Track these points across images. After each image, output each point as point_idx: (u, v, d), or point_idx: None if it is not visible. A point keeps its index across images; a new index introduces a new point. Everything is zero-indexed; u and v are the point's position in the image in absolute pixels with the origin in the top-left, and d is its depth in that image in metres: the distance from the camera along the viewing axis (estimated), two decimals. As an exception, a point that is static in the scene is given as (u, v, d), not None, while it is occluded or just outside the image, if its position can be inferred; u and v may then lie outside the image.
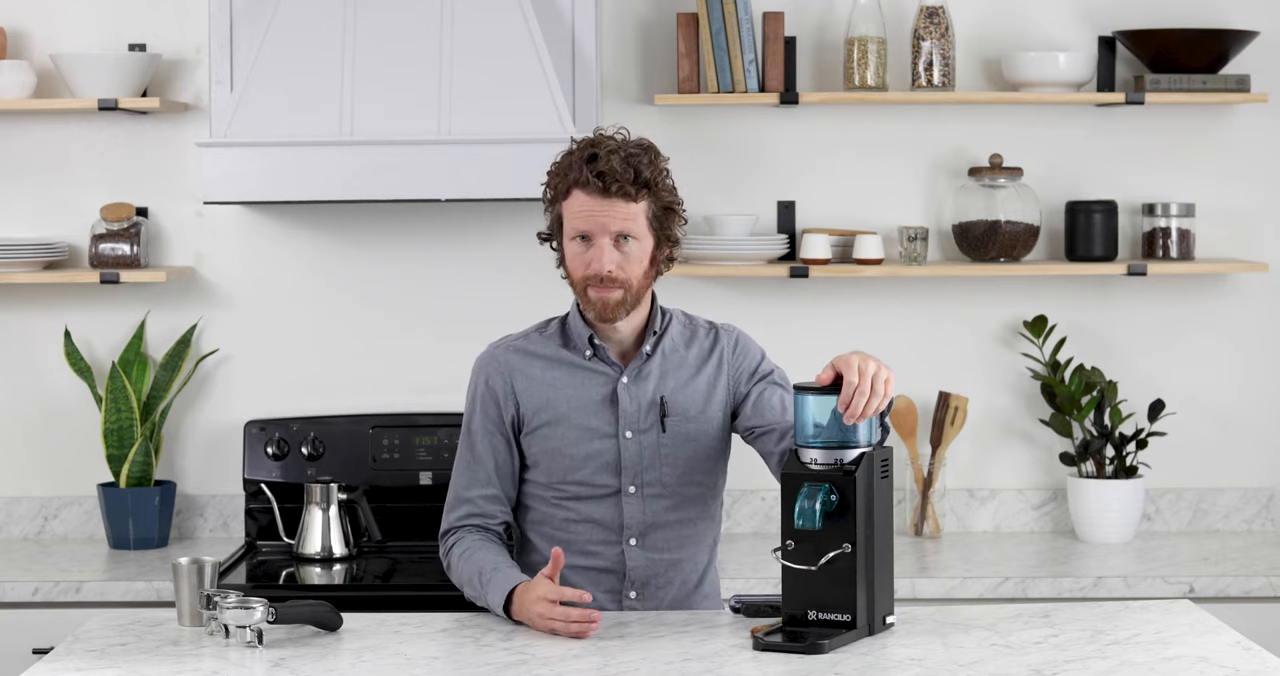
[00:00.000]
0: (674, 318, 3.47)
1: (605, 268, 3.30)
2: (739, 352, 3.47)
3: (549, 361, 3.43)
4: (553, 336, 3.46)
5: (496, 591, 3.29)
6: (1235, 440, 4.76)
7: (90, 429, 4.65)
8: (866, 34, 4.54)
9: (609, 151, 3.29)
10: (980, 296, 4.72)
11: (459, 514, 3.47)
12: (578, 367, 3.42)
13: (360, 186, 4.25)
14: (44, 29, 4.63)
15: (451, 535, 3.47)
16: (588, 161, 3.29)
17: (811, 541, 3.11)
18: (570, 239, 3.33)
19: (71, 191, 4.65)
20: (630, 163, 3.29)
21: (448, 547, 3.46)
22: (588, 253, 3.31)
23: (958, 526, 4.73)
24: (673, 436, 3.40)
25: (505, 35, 4.31)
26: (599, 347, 3.41)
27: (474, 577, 3.36)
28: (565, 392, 3.41)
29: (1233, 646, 3.10)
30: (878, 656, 3.04)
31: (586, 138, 3.35)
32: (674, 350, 3.44)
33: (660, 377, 3.42)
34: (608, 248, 3.30)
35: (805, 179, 4.70)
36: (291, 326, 4.69)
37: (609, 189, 3.28)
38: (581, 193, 3.30)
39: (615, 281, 3.31)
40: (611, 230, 3.29)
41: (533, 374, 3.43)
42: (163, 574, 4.23)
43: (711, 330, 3.49)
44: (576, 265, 3.33)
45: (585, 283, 3.32)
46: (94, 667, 3.01)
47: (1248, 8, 4.68)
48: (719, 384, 3.44)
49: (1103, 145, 4.72)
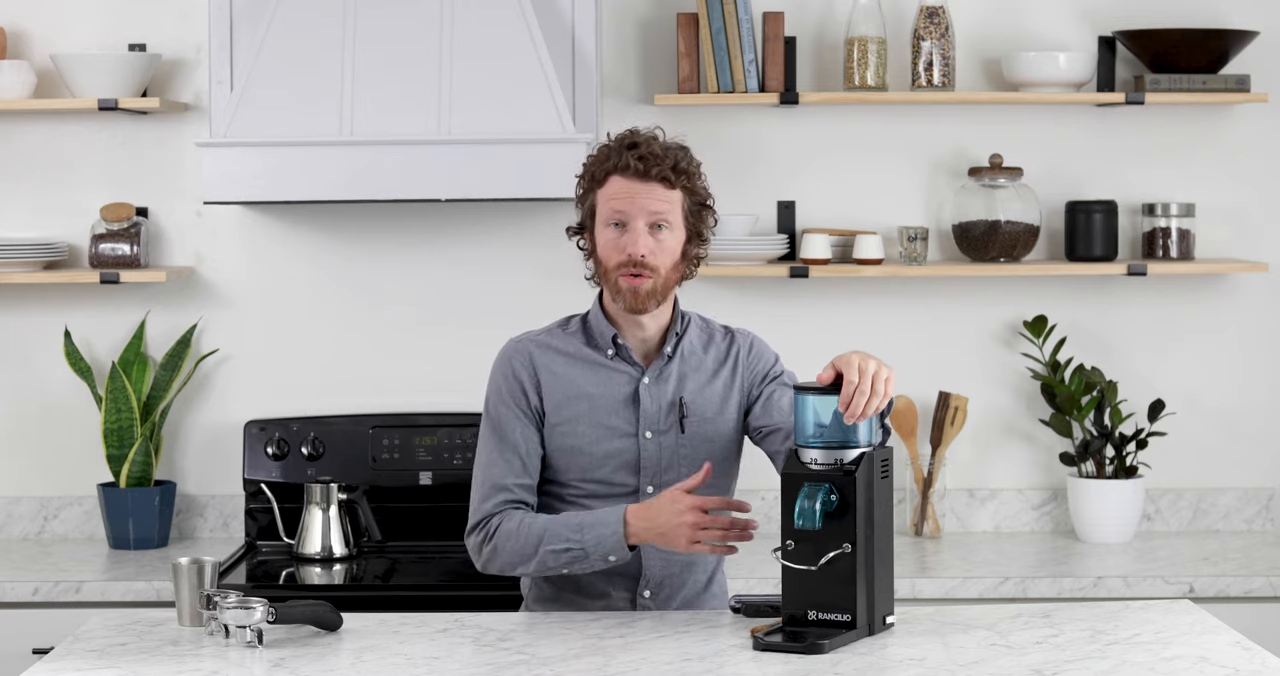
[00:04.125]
0: (692, 320, 3.48)
1: (640, 250, 3.29)
2: (754, 356, 3.48)
3: (571, 358, 3.42)
4: (575, 334, 3.45)
5: (605, 522, 3.23)
6: (1235, 440, 4.76)
7: (90, 429, 4.65)
8: (866, 34, 4.55)
9: (649, 139, 3.34)
10: (980, 296, 4.73)
11: (496, 501, 3.35)
12: (600, 366, 3.42)
13: (360, 186, 4.25)
14: (44, 29, 4.63)
15: (491, 519, 3.34)
16: (628, 147, 3.32)
17: (811, 541, 3.11)
18: (605, 225, 3.33)
19: (71, 191, 4.65)
20: (669, 151, 3.34)
21: (489, 531, 3.33)
22: (622, 238, 3.31)
23: (958, 526, 4.73)
24: (691, 437, 3.40)
25: (505, 35, 4.31)
26: (622, 347, 3.41)
27: (552, 530, 3.26)
28: (587, 390, 3.40)
29: (1233, 646, 3.10)
30: (878, 656, 3.04)
31: (622, 132, 3.38)
32: (692, 352, 3.45)
33: (680, 379, 3.42)
34: (643, 232, 3.31)
35: (805, 179, 4.70)
36: (291, 326, 4.69)
37: (649, 173, 3.30)
38: (620, 177, 3.31)
39: (647, 267, 3.31)
40: (649, 211, 3.30)
41: (556, 369, 3.41)
42: (163, 574, 4.23)
43: (727, 334, 3.50)
44: (610, 251, 3.32)
45: (619, 268, 3.32)
46: (94, 667, 3.01)
47: (1248, 8, 4.69)
48: (734, 386, 3.45)
49: (1103, 145, 4.72)
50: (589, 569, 3.28)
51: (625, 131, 3.38)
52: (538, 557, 3.28)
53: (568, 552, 3.26)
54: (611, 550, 3.24)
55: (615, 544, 3.23)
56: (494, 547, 3.32)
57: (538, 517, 3.31)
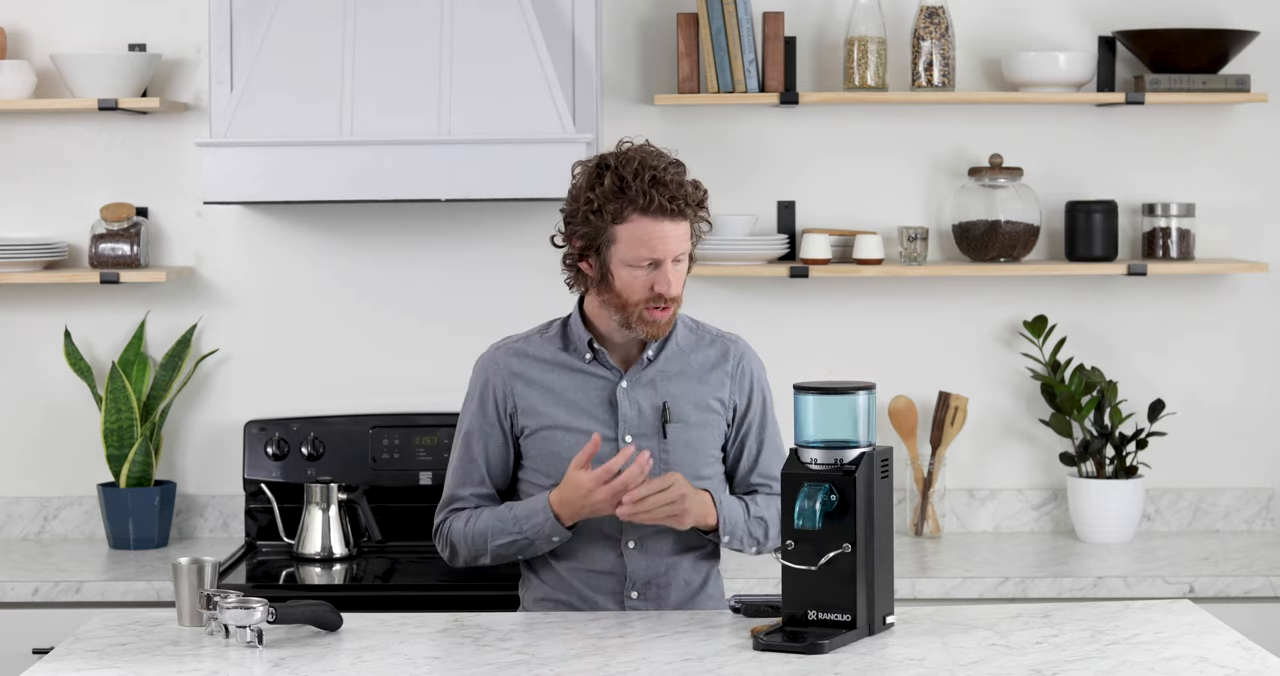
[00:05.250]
0: (679, 323, 3.47)
1: (674, 291, 3.32)
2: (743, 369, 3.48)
3: (548, 364, 3.43)
4: (553, 338, 3.45)
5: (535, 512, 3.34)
6: (1235, 440, 4.76)
7: (90, 429, 4.65)
8: (866, 34, 4.54)
9: (663, 170, 3.28)
10: (980, 296, 4.72)
11: (450, 508, 3.49)
12: (577, 371, 3.42)
13: (360, 186, 4.25)
14: (44, 29, 4.63)
15: (444, 525, 3.48)
16: (652, 185, 3.26)
17: (811, 541, 3.11)
18: (628, 265, 3.29)
19: (71, 191, 4.65)
20: (684, 183, 3.31)
21: (446, 532, 3.47)
22: (650, 275, 3.30)
23: (958, 526, 4.73)
24: (674, 443, 3.40)
25: (505, 35, 4.31)
26: (598, 352, 3.41)
27: (497, 523, 3.39)
28: (565, 396, 3.41)
29: (1233, 646, 3.10)
30: (878, 656, 3.04)
31: (621, 153, 3.31)
32: (677, 353, 3.44)
33: (662, 383, 3.41)
34: (673, 271, 3.31)
35: (805, 179, 4.70)
36: (291, 326, 4.69)
37: (681, 212, 3.29)
38: (646, 218, 3.27)
39: (675, 301, 3.34)
40: (675, 253, 3.31)
41: (532, 377, 3.43)
42: (163, 574, 4.23)
43: (719, 340, 3.49)
44: (636, 288, 3.30)
45: (646, 305, 3.32)
46: (94, 667, 3.01)
47: (1248, 8, 4.68)
48: (722, 394, 3.45)
49: (1103, 145, 4.72)
50: (541, 551, 3.39)
51: (622, 154, 3.30)
52: (490, 551, 3.41)
53: (514, 544, 3.38)
54: (552, 533, 3.35)
55: (553, 527, 3.34)
56: (451, 548, 3.46)
57: (480, 514, 3.42)
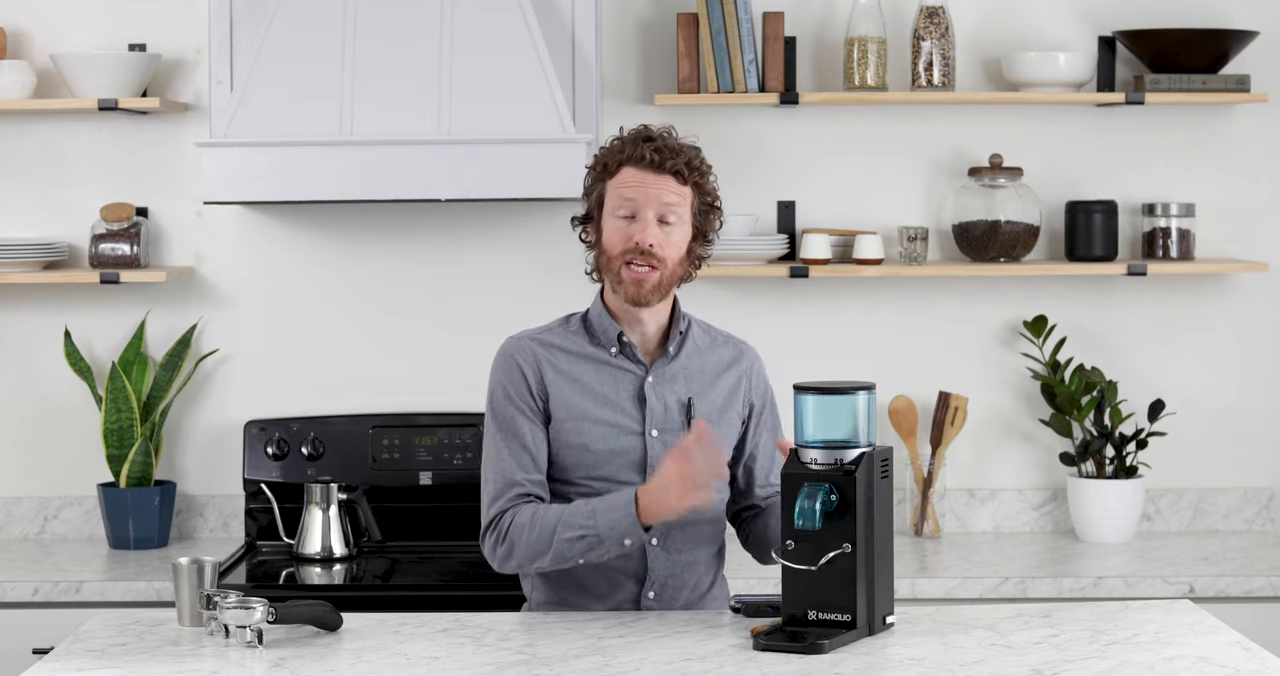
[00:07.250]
0: (693, 323, 3.47)
1: (649, 239, 3.30)
2: (756, 370, 3.51)
3: (574, 356, 3.41)
4: (576, 332, 3.43)
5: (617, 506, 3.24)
6: (1235, 440, 4.76)
7: (90, 429, 4.65)
8: (866, 34, 4.54)
9: (663, 134, 3.37)
10: (980, 296, 4.72)
11: (509, 496, 3.33)
12: (604, 364, 3.41)
13: (360, 186, 4.25)
14: (44, 29, 4.63)
15: (504, 516, 3.32)
16: (644, 140, 3.35)
17: (811, 541, 3.11)
18: (613, 215, 3.33)
19: (71, 191, 4.65)
20: (684, 147, 3.37)
21: (503, 529, 3.31)
22: (630, 227, 3.32)
23: (958, 526, 4.73)
24: None
25: (505, 35, 4.31)
26: (627, 344, 3.40)
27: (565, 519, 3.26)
28: (592, 388, 3.39)
29: (1233, 646, 3.10)
30: (878, 656, 3.04)
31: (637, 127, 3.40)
32: (696, 352, 3.45)
33: (684, 380, 3.42)
34: (652, 222, 3.32)
35: (805, 179, 4.70)
36: (291, 326, 4.69)
37: (663, 165, 3.32)
38: (633, 168, 3.33)
39: (654, 258, 3.31)
40: (660, 202, 3.31)
41: (560, 366, 3.40)
42: (163, 574, 4.23)
43: (730, 341, 3.50)
44: (616, 239, 3.32)
45: (624, 256, 3.31)
46: (94, 667, 3.01)
47: (1248, 8, 4.69)
48: (737, 395, 3.46)
49: (1103, 145, 4.72)
50: (604, 556, 3.27)
51: (640, 126, 3.40)
52: (554, 548, 3.27)
53: (583, 539, 3.25)
54: (626, 533, 3.23)
55: (630, 526, 3.22)
56: (509, 543, 3.31)
57: (550, 507, 3.30)
